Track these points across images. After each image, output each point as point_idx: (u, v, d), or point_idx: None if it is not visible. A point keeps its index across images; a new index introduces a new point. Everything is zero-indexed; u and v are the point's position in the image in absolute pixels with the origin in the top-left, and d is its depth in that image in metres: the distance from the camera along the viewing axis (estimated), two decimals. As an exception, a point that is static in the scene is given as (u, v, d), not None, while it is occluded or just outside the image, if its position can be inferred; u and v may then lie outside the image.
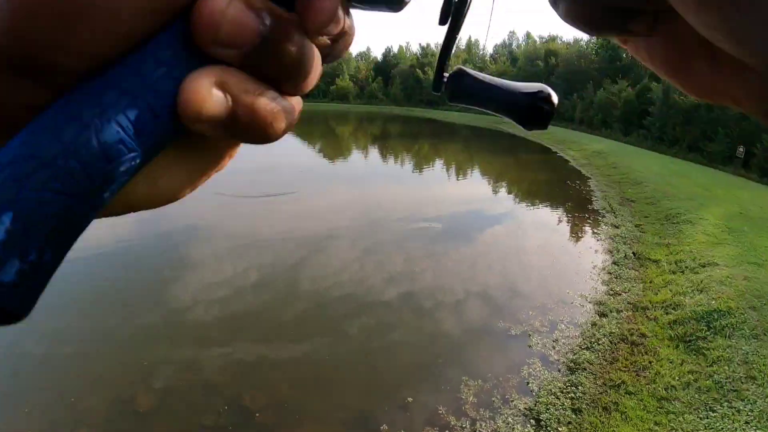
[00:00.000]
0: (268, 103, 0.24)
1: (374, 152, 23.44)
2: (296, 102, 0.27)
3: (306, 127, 37.41)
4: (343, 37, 0.27)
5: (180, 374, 5.91)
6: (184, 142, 0.25)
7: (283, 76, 0.24)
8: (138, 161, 0.20)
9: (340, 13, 0.26)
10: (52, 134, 0.18)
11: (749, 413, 4.52)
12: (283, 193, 13.22)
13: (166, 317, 7.27)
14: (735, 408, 4.63)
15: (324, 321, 6.76)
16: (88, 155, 0.19)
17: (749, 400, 4.69)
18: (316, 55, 0.26)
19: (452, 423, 4.65)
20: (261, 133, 0.24)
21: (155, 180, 0.25)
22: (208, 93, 0.21)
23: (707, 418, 4.64)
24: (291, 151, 23.47)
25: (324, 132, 33.44)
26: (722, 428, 4.44)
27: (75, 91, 0.19)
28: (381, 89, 56.90)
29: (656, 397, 5.12)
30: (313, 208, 12.28)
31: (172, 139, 0.22)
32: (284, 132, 0.26)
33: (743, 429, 4.36)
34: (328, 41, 0.26)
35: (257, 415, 5.04)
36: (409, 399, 5.01)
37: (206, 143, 0.27)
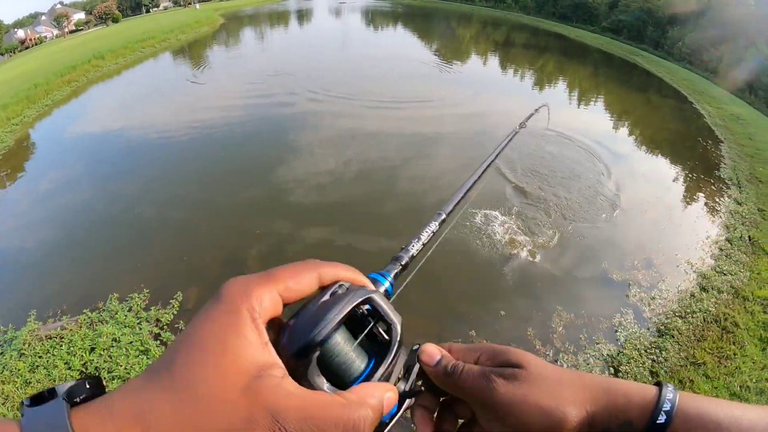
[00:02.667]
0: None
1: (494, 61, 21.49)
2: None
3: (424, 24, 34.06)
4: None
5: (289, 246, 6.10)
6: None
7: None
8: None
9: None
10: None
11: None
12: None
13: (277, 194, 7.53)
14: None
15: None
16: None
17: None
18: None
19: (537, 347, 4.57)
20: None
21: None
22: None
23: (769, 433, 4.46)
24: (407, 49, 22.40)
25: (443, 32, 30.73)
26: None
27: None
28: (513, -8, 49.08)
29: (730, 391, 4.90)
30: (422, 110, 12.10)
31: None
32: None
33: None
34: None
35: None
36: (502, 312, 4.95)
37: None
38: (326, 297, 0.37)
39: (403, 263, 0.49)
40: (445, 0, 48.52)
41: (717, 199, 8.32)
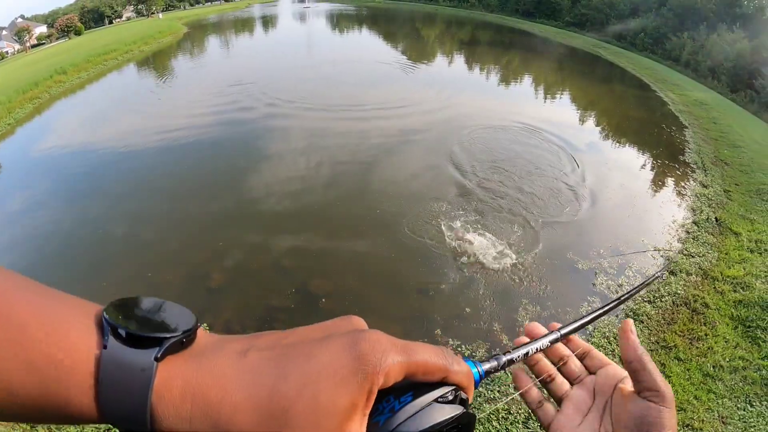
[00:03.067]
0: None
1: (459, 59, 21.74)
2: None
3: (389, 26, 34.18)
4: None
5: (252, 257, 6.06)
6: None
7: None
8: None
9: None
10: None
11: (784, 421, 4.25)
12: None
13: (239, 205, 7.40)
14: (772, 411, 4.36)
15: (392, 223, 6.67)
16: None
17: (789, 407, 4.40)
18: None
19: (504, 342, 4.43)
20: None
21: None
22: None
23: (744, 410, 4.35)
24: (373, 52, 22.21)
25: (408, 33, 31.04)
26: (755, 426, 4.17)
27: None
28: (475, -9, 49.11)
29: (703, 372, 4.84)
30: (395, 113, 12.02)
31: None
32: None
33: (773, 435, 4.12)
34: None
35: (322, 300, 5.13)
36: (467, 309, 4.83)
37: None
38: (436, 396, 0.38)
39: (499, 364, 0.49)
40: (408, 1, 48.72)
41: (683, 183, 8.38)
